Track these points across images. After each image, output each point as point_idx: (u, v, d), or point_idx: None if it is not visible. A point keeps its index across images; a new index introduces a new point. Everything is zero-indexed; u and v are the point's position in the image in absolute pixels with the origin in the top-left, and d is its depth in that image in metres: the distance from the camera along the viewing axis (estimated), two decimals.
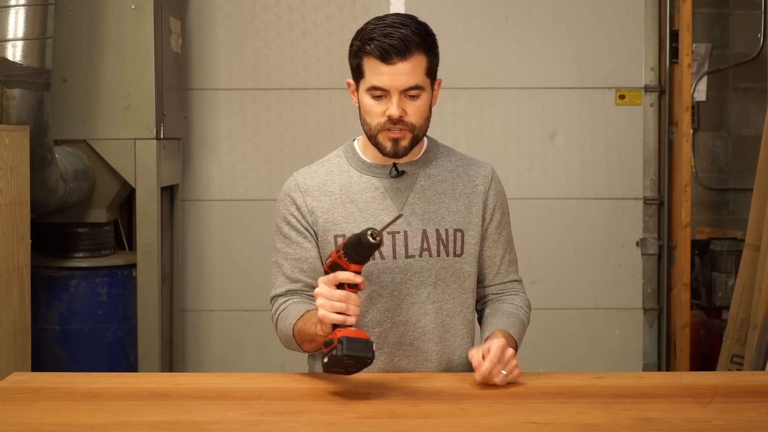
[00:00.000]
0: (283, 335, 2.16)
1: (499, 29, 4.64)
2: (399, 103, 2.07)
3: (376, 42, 2.05)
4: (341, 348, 1.88)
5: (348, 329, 1.92)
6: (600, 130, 4.69)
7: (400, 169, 2.18)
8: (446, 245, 2.16)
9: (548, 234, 4.69)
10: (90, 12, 3.91)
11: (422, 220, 2.16)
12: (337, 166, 2.22)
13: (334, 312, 1.91)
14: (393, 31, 2.04)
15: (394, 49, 2.03)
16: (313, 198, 2.18)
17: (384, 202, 2.16)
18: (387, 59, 2.04)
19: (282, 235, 2.21)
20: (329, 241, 2.16)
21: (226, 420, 1.80)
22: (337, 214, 2.16)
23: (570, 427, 1.76)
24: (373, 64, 2.06)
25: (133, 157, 3.93)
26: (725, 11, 5.16)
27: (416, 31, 2.07)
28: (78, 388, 2.03)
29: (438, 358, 2.19)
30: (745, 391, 2.01)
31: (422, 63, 2.07)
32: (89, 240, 3.98)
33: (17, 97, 3.43)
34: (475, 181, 2.23)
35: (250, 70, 4.64)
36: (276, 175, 4.60)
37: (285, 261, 2.20)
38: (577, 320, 4.70)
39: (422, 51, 2.07)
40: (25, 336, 3.43)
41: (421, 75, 2.07)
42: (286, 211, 2.20)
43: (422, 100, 2.09)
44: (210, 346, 4.71)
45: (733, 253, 4.69)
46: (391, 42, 2.04)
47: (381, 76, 2.06)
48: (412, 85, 2.06)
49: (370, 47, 2.05)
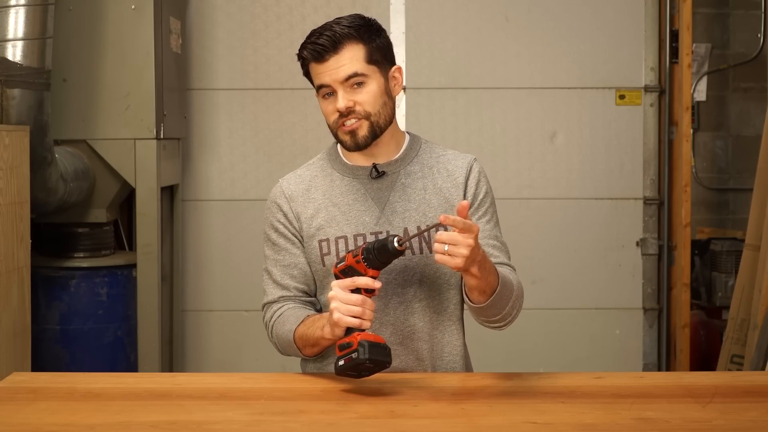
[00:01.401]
0: (282, 341, 2.16)
1: (499, 29, 4.64)
2: (344, 96, 2.10)
3: (309, 46, 2.11)
4: (363, 351, 1.89)
5: (365, 333, 1.93)
6: (600, 130, 4.69)
7: (380, 169, 2.18)
8: (428, 242, 2.15)
9: (548, 234, 4.69)
10: (90, 12, 3.91)
11: (403, 218, 2.16)
12: (321, 170, 2.24)
13: (350, 316, 1.92)
14: (322, 32, 2.10)
15: (323, 46, 2.09)
16: (298, 204, 2.21)
17: (366, 203, 2.17)
18: (320, 58, 2.10)
19: (270, 243, 2.24)
20: (314, 246, 2.17)
21: (226, 420, 1.80)
22: (321, 219, 2.18)
23: (570, 427, 1.76)
24: (313, 67, 2.13)
25: (133, 157, 3.93)
26: (725, 11, 5.17)
27: (348, 24, 2.11)
28: (78, 388, 2.03)
29: (430, 355, 2.18)
30: (745, 391, 2.01)
31: (358, 51, 2.10)
32: (89, 240, 3.98)
33: (17, 97, 3.43)
34: (454, 174, 2.21)
35: (250, 70, 4.64)
36: (276, 175, 4.55)
37: (274, 268, 2.22)
38: (577, 320, 4.70)
39: (356, 40, 2.10)
40: (25, 336, 3.43)
41: (360, 63, 2.10)
42: (273, 218, 2.24)
43: (370, 86, 2.11)
44: (210, 346, 4.71)
45: (733, 253, 4.69)
46: (320, 41, 2.09)
47: (320, 74, 2.11)
48: (351, 74, 2.09)
49: (305, 53, 2.12)
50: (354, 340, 1.92)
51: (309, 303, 2.21)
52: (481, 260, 1.94)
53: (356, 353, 1.90)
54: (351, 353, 1.91)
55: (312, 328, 2.06)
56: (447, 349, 2.20)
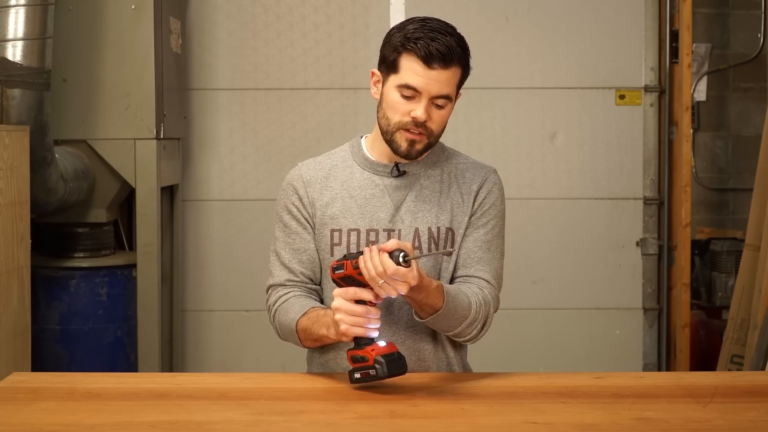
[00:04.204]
0: (284, 328, 2.16)
1: (499, 29, 4.64)
2: (427, 108, 2.08)
3: (422, 42, 2.04)
4: (381, 369, 1.91)
5: (376, 345, 1.94)
6: (600, 130, 4.69)
7: (401, 169, 2.18)
8: (437, 243, 2.16)
9: (548, 234, 4.69)
10: (90, 12, 3.91)
11: (415, 219, 2.17)
12: (342, 160, 2.23)
13: (357, 326, 1.93)
14: (439, 37, 2.05)
15: (440, 54, 2.04)
16: (315, 190, 2.20)
17: (382, 200, 2.17)
18: (429, 63, 2.05)
19: (282, 224, 2.22)
20: (325, 234, 2.17)
21: (226, 420, 1.81)
22: (336, 209, 2.18)
23: (570, 427, 1.76)
24: (413, 64, 2.06)
25: (133, 157, 3.93)
26: (725, 11, 5.16)
27: (459, 42, 2.08)
28: (78, 388, 2.03)
29: (433, 356, 2.19)
30: (745, 391, 2.01)
31: (457, 75, 2.09)
32: (89, 240, 3.98)
33: (17, 97, 3.43)
34: (470, 182, 2.23)
35: (250, 70, 4.64)
36: (276, 175, 4.60)
37: (283, 250, 2.21)
38: (577, 320, 4.70)
39: (460, 63, 2.09)
40: (25, 336, 3.43)
41: (453, 86, 2.10)
42: (287, 200, 2.22)
43: (447, 110, 2.12)
44: (210, 346, 4.71)
45: (733, 253, 4.69)
46: (438, 47, 2.04)
47: (419, 78, 2.06)
48: (444, 94, 2.08)
49: (415, 46, 2.05)
50: (369, 355, 1.93)
51: (314, 291, 2.20)
52: (417, 287, 1.95)
53: (374, 371, 1.92)
54: (368, 369, 1.93)
55: (316, 324, 2.07)
56: (449, 350, 2.21)
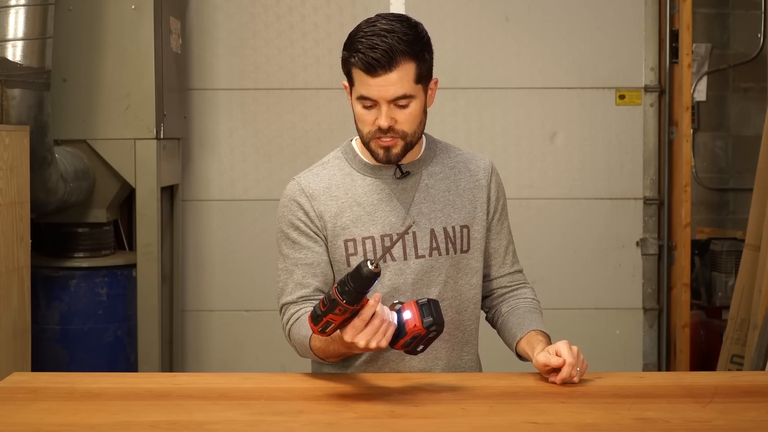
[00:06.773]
0: (299, 345, 2.12)
1: (499, 29, 4.64)
2: (388, 113, 2.04)
3: (361, 55, 2.01)
4: (438, 327, 1.88)
5: (408, 321, 1.88)
6: (600, 130, 4.69)
7: (404, 169, 2.17)
8: (453, 242, 2.16)
9: (548, 234, 4.69)
10: (90, 12, 3.91)
11: (429, 220, 2.16)
12: (339, 168, 2.19)
13: (383, 338, 1.87)
14: (378, 42, 2.00)
15: (378, 62, 1.99)
16: (320, 202, 2.15)
17: (391, 204, 2.15)
18: (372, 72, 2.01)
19: (290, 241, 2.16)
20: (339, 245, 2.13)
21: (226, 420, 1.80)
22: (346, 219, 2.14)
23: (570, 427, 1.76)
24: (360, 75, 2.03)
25: (133, 157, 3.93)
26: (725, 11, 5.16)
27: (403, 38, 2.02)
28: (78, 388, 2.03)
29: (448, 355, 2.19)
30: (745, 391, 2.01)
31: (410, 71, 2.03)
32: (89, 240, 3.98)
33: (17, 97, 3.43)
34: (477, 175, 2.23)
35: (250, 70, 4.64)
36: (276, 175, 4.61)
37: (296, 267, 2.15)
38: (577, 320, 4.70)
39: (409, 58, 2.02)
40: (25, 336, 3.43)
41: (409, 83, 2.03)
42: (292, 217, 2.16)
43: (412, 108, 2.06)
44: (210, 346, 4.71)
45: (733, 253, 4.69)
46: (375, 55, 1.99)
47: (368, 87, 2.03)
48: (400, 95, 2.03)
49: (355, 59, 2.02)
50: (416, 331, 1.88)
51: None
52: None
53: (433, 333, 1.88)
54: (426, 337, 1.89)
55: (333, 344, 1.99)
56: (466, 349, 2.22)
